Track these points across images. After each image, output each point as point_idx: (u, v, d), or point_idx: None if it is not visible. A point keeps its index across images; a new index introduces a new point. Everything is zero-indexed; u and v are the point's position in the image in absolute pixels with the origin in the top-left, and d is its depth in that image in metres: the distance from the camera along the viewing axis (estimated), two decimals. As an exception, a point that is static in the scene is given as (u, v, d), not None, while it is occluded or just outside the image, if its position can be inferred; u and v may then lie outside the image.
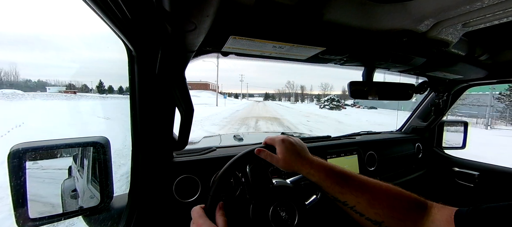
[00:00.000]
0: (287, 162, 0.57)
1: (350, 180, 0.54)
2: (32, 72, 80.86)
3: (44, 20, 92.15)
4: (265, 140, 0.64)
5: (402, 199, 0.53)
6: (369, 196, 0.52)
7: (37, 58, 77.85)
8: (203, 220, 0.49)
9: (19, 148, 0.49)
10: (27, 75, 64.64)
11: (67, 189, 0.64)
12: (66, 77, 75.84)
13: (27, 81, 68.22)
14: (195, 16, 0.37)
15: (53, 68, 35.70)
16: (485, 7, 0.47)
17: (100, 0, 0.41)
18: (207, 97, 50.33)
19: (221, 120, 12.25)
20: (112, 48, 66.97)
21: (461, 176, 1.37)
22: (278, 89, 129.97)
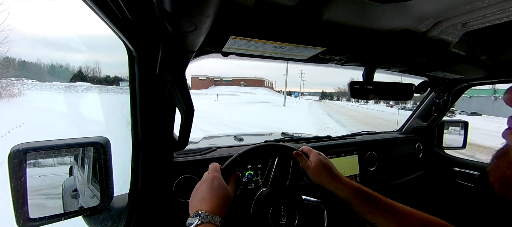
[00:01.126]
0: (317, 172, 0.60)
1: (380, 202, 0.55)
2: (110, 70, 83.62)
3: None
4: (303, 148, 0.68)
5: (432, 226, 0.53)
6: (400, 221, 0.52)
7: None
8: (218, 174, 0.54)
9: (20, 148, 0.49)
10: (106, 73, 67.62)
11: (68, 189, 0.64)
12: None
13: (107, 76, 70.95)
14: (196, 16, 0.37)
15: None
16: (485, 7, 0.47)
17: (100, 1, 0.41)
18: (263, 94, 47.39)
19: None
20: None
21: (461, 176, 1.37)
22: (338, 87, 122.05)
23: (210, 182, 0.52)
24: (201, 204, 0.47)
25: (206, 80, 77.55)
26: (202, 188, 0.52)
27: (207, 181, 0.53)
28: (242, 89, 65.17)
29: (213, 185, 0.51)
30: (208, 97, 28.04)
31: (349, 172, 1.11)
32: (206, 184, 0.52)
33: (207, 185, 0.51)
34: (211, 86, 76.50)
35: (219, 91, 47.86)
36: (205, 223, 0.43)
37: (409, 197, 1.35)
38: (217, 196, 0.49)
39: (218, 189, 0.51)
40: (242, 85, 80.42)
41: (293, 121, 11.01)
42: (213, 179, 0.53)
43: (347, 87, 0.86)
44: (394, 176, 1.28)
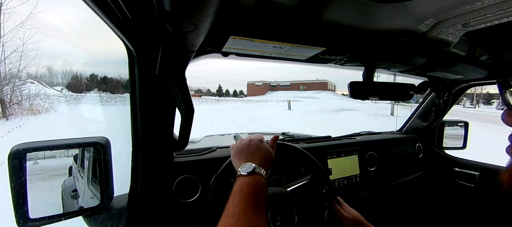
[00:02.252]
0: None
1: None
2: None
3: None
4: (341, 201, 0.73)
5: None
6: None
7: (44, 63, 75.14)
8: (263, 138, 0.61)
9: (20, 148, 0.49)
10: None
11: (67, 189, 0.64)
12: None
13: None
14: (195, 16, 0.37)
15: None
16: (485, 7, 0.47)
17: (100, 1, 0.41)
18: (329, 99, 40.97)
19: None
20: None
21: (461, 176, 1.37)
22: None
23: (258, 142, 0.58)
24: (252, 157, 0.54)
25: (263, 86, 74.57)
26: (251, 145, 0.58)
27: (255, 141, 0.59)
28: (303, 93, 59.90)
29: (261, 146, 0.58)
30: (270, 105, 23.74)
31: (349, 173, 1.11)
32: (255, 143, 0.58)
33: (256, 144, 0.58)
34: (268, 91, 72.91)
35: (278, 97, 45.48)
36: (258, 174, 0.49)
37: (410, 197, 1.35)
38: (264, 155, 0.56)
39: (265, 150, 0.57)
40: (302, 89, 73.07)
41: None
42: (261, 140, 0.60)
43: (347, 87, 0.86)
44: (394, 176, 1.28)
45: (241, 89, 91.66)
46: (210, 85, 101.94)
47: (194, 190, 0.78)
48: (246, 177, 0.48)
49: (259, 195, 0.46)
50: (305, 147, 1.04)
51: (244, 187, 0.46)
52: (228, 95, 69.72)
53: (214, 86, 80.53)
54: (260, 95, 66.07)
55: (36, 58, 9.13)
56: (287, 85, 77.98)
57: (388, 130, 1.58)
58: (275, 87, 78.60)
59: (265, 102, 31.15)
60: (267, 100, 35.56)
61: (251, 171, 0.49)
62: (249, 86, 76.20)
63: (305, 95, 52.62)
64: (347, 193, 1.08)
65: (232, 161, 0.57)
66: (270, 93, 68.82)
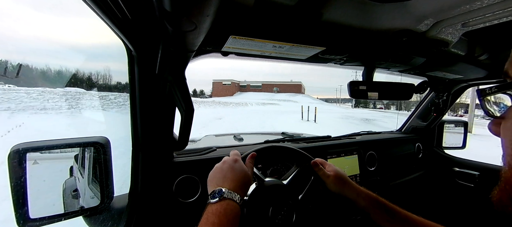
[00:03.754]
0: (337, 181, 0.64)
1: (396, 213, 0.59)
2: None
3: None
4: (317, 159, 0.71)
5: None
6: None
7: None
8: (239, 158, 0.58)
9: (19, 148, 0.49)
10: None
11: (68, 189, 0.64)
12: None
13: (117, 83, 67.05)
14: (195, 16, 0.37)
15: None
16: (485, 7, 0.47)
17: (100, 0, 0.41)
18: (308, 103, 34.98)
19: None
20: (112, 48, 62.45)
21: (461, 176, 1.37)
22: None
23: (232, 163, 0.55)
24: (223, 181, 0.50)
25: (231, 86, 64.21)
26: (224, 167, 0.54)
27: (229, 162, 0.55)
28: (277, 96, 52.93)
29: (235, 167, 0.54)
30: (253, 110, 19.69)
31: (349, 172, 1.11)
32: (228, 165, 0.55)
33: (229, 165, 0.54)
34: (236, 92, 64.14)
35: (249, 98, 39.99)
36: (227, 200, 0.46)
37: (409, 197, 1.35)
38: (238, 177, 0.52)
39: (239, 171, 0.54)
40: (275, 91, 65.76)
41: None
42: (235, 161, 0.56)
43: (347, 87, 0.86)
44: (394, 176, 1.28)
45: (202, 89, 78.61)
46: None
47: (194, 190, 0.78)
48: (213, 204, 0.45)
49: (227, 225, 0.43)
50: (304, 147, 1.04)
51: (210, 216, 0.43)
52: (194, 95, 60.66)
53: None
54: (228, 95, 56.80)
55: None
56: (258, 86, 69.16)
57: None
58: (244, 87, 68.95)
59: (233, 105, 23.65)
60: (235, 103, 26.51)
61: (220, 197, 0.46)
62: (215, 85, 64.02)
63: (280, 98, 47.37)
64: None
65: (208, 188, 0.52)
66: (239, 94, 60.29)
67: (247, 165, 0.58)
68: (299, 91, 65.75)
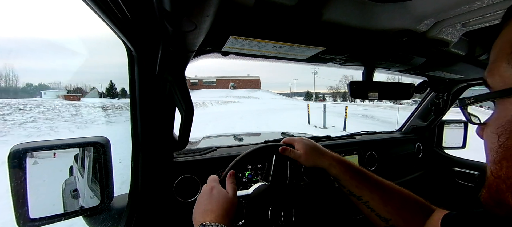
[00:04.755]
0: (308, 156, 0.62)
1: (366, 177, 0.59)
2: (41, 78, 70.85)
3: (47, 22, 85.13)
4: (284, 140, 0.69)
5: (411, 202, 0.57)
6: (382, 194, 0.56)
7: (45, 64, 71.52)
8: (216, 184, 0.55)
9: (19, 148, 0.49)
10: (30, 80, 55.27)
11: (68, 189, 0.64)
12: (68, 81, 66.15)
13: (28, 85, 61.75)
14: (195, 16, 0.37)
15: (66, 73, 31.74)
16: (485, 7, 0.47)
17: (100, 0, 0.41)
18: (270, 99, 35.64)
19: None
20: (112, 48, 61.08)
21: (461, 176, 1.37)
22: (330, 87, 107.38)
23: (209, 193, 0.52)
24: (204, 216, 0.47)
25: None
26: (202, 201, 0.51)
27: (206, 192, 0.53)
28: (235, 92, 46.93)
29: (212, 195, 0.51)
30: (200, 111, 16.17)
31: (349, 172, 1.11)
32: (206, 196, 0.52)
33: (207, 196, 0.51)
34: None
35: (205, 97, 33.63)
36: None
37: None
38: (218, 205, 0.49)
39: (218, 198, 0.51)
40: (232, 87, 58.24)
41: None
42: (212, 189, 0.53)
43: (347, 87, 0.86)
44: (394, 176, 1.28)
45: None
46: (96, 82, 74.96)
47: (194, 190, 0.78)
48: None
49: None
50: None
51: None
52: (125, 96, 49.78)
53: (103, 84, 60.52)
54: None
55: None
56: (212, 82, 60.55)
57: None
58: (196, 84, 59.44)
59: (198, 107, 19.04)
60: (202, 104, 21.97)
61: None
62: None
63: (240, 94, 41.58)
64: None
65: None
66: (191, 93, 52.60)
67: (228, 187, 0.55)
68: (258, 86, 60.16)
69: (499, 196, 0.28)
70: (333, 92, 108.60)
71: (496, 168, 0.28)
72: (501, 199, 0.27)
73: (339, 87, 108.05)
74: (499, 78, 0.27)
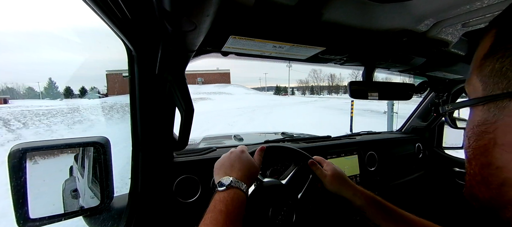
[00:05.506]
0: (334, 180, 0.65)
1: (391, 211, 0.60)
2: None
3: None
4: (315, 157, 0.72)
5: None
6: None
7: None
8: (246, 150, 0.60)
9: (19, 148, 0.49)
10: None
11: (68, 189, 0.64)
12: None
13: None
14: (195, 16, 0.37)
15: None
16: (485, 7, 0.47)
17: (100, 0, 0.41)
18: (244, 94, 32.77)
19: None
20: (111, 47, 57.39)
21: (461, 176, 1.37)
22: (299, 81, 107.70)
23: (239, 153, 0.57)
24: (231, 171, 0.52)
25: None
26: (231, 157, 0.56)
27: (236, 152, 0.57)
28: (204, 88, 41.19)
29: (242, 157, 0.56)
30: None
31: (349, 172, 1.11)
32: (235, 155, 0.56)
33: (236, 156, 0.56)
34: None
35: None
36: (235, 188, 0.47)
37: (409, 197, 1.35)
38: (245, 167, 0.54)
39: (246, 161, 0.56)
40: (200, 82, 52.47)
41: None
42: (242, 152, 0.58)
43: (347, 87, 0.86)
44: (394, 177, 1.28)
45: (95, 86, 58.11)
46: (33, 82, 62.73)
47: (194, 190, 0.78)
48: (221, 192, 0.46)
49: (234, 212, 0.44)
50: (304, 147, 1.04)
51: (218, 204, 0.44)
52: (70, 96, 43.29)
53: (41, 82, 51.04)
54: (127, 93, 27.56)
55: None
56: None
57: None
58: None
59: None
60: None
61: (227, 185, 0.47)
62: (111, 79, 43.10)
63: (209, 90, 36.86)
64: None
65: (214, 178, 0.55)
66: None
67: (255, 158, 0.60)
68: (228, 80, 54.79)
69: (472, 190, 0.31)
70: (303, 86, 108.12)
71: (468, 166, 0.31)
72: (473, 193, 0.31)
73: (308, 80, 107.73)
74: (472, 88, 0.30)
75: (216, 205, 0.44)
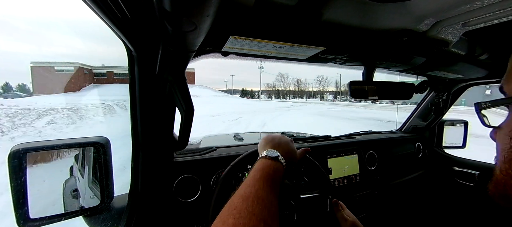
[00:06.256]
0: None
1: None
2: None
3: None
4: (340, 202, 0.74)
5: None
6: None
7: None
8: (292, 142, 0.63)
9: (20, 148, 0.49)
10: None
11: (68, 189, 0.64)
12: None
13: None
14: (195, 16, 0.37)
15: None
16: (485, 7, 0.47)
17: (100, 0, 0.41)
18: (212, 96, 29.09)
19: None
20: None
21: (461, 176, 1.37)
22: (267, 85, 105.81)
23: (288, 140, 0.61)
24: (278, 147, 0.56)
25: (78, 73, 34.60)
26: (282, 139, 0.60)
27: (285, 139, 0.62)
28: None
29: (289, 143, 0.60)
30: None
31: (349, 172, 1.12)
32: (285, 140, 0.61)
33: (286, 140, 0.60)
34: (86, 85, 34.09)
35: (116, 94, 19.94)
36: (279, 162, 0.52)
37: (409, 196, 1.35)
38: (289, 150, 0.58)
39: (292, 149, 0.60)
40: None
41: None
42: (291, 141, 0.62)
43: (347, 87, 0.86)
44: (394, 176, 1.28)
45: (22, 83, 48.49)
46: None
47: (194, 190, 0.78)
48: (268, 159, 0.51)
49: (277, 179, 0.48)
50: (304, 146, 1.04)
51: (265, 167, 0.48)
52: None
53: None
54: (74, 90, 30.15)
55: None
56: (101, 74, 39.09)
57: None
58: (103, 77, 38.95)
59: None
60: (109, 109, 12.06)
61: (274, 156, 0.52)
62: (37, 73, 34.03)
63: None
64: (347, 192, 1.08)
65: (259, 147, 0.60)
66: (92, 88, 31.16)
67: (299, 151, 0.64)
68: (192, 81, 47.83)
69: (506, 191, 0.31)
70: (270, 90, 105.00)
71: (505, 166, 0.31)
72: (509, 194, 0.31)
73: (275, 84, 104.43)
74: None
75: (264, 168, 0.48)
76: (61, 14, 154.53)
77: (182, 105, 0.62)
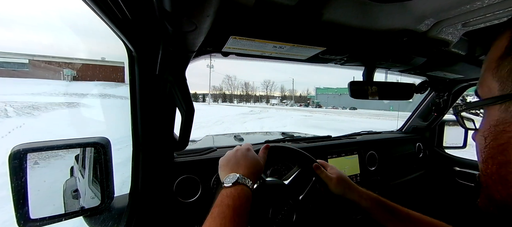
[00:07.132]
0: (339, 183, 0.65)
1: (397, 211, 0.60)
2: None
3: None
4: (319, 161, 0.73)
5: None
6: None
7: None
8: (251, 148, 0.60)
9: (20, 149, 0.49)
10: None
11: (68, 189, 0.64)
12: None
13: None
14: (196, 16, 0.37)
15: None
16: (485, 7, 0.47)
17: (100, 0, 0.41)
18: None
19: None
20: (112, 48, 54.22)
21: (462, 176, 1.37)
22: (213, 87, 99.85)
23: (245, 151, 0.58)
24: (237, 168, 0.53)
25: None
26: (237, 154, 0.57)
27: (242, 150, 0.58)
28: (75, 87, 14.56)
29: (248, 155, 0.57)
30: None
31: (350, 172, 1.11)
32: (241, 152, 0.57)
33: (242, 153, 0.57)
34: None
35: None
36: (241, 185, 0.48)
37: (410, 197, 1.35)
38: (250, 164, 0.55)
39: (252, 159, 0.56)
40: (68, 76, 20.79)
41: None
42: (248, 150, 0.59)
43: (347, 87, 0.86)
44: (395, 176, 1.28)
45: None
46: None
47: (194, 190, 0.78)
48: (228, 188, 0.47)
49: (240, 207, 0.45)
50: (305, 146, 1.04)
51: (225, 199, 0.45)
52: None
53: None
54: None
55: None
56: (21, 65, 18.01)
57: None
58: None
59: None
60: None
61: (234, 182, 0.48)
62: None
63: (84, 91, 12.07)
64: None
65: (219, 173, 0.56)
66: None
67: (260, 156, 0.61)
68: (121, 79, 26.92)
69: (488, 191, 0.32)
70: (217, 93, 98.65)
71: (484, 166, 0.32)
72: (490, 194, 0.31)
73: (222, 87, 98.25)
74: (486, 88, 0.31)
75: (223, 200, 0.45)
76: (61, 14, 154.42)
77: (183, 105, 0.62)
